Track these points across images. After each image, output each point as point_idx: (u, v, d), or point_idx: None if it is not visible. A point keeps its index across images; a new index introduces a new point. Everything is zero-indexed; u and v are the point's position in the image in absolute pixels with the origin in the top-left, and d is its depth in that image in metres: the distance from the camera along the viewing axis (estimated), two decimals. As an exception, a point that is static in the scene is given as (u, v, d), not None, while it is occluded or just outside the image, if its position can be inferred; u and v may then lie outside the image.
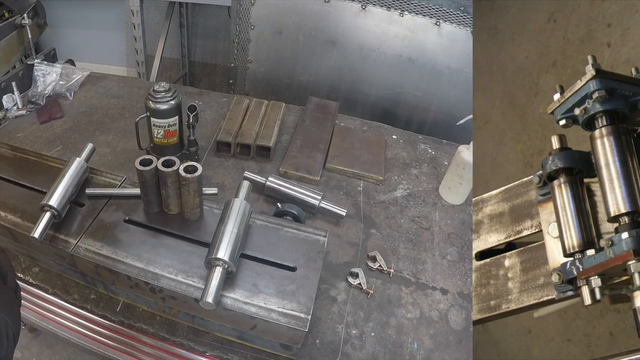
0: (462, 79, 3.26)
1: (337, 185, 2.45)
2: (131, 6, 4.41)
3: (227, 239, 1.53)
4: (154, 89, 2.18)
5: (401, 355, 1.73)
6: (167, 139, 2.30)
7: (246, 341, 1.70)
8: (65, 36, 5.48)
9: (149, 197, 1.74)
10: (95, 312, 1.81)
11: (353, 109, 3.51)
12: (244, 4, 3.36)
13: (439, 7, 3.08)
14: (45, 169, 1.95)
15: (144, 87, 3.20)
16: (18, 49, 3.05)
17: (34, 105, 2.82)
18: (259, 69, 3.63)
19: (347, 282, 1.94)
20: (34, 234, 1.56)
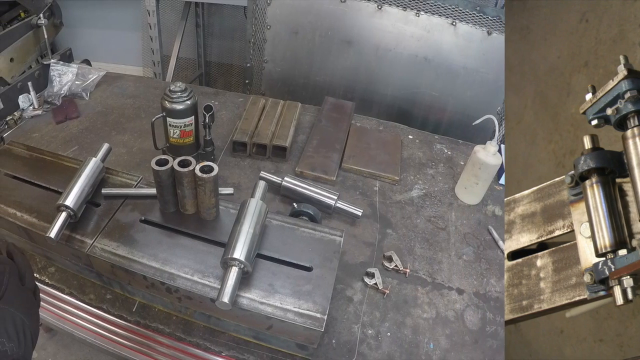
0: (478, 79, 3.25)
1: (353, 185, 2.45)
2: (147, 6, 4.41)
3: (243, 239, 1.53)
4: (170, 89, 2.18)
5: (417, 355, 1.73)
6: (183, 139, 2.30)
7: (262, 341, 1.70)
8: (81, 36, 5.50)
9: (165, 197, 1.75)
10: (111, 312, 1.81)
11: (369, 109, 3.51)
12: (260, 4, 3.36)
13: (455, 7, 3.08)
14: (61, 169, 1.96)
15: (160, 87, 3.21)
16: (34, 49, 3.07)
17: (50, 105, 2.83)
18: (275, 69, 3.64)
19: (363, 282, 1.94)
20: (50, 234, 1.56)
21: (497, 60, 3.15)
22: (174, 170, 1.62)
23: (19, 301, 1.02)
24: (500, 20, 3.03)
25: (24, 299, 1.05)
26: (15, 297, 1.02)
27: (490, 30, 3.10)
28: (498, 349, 1.77)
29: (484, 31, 3.11)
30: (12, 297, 1.00)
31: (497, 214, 2.36)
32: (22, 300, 1.03)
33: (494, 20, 3.05)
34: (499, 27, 3.07)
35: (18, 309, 1.00)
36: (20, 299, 1.03)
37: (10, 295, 1.00)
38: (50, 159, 2.03)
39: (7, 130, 2.63)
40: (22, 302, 1.02)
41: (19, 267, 1.10)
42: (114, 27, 5.63)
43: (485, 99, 3.30)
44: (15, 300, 1.01)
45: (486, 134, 3.19)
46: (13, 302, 1.00)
